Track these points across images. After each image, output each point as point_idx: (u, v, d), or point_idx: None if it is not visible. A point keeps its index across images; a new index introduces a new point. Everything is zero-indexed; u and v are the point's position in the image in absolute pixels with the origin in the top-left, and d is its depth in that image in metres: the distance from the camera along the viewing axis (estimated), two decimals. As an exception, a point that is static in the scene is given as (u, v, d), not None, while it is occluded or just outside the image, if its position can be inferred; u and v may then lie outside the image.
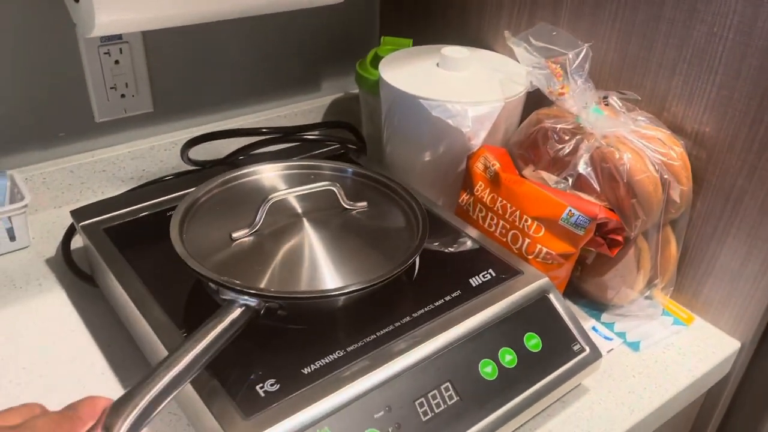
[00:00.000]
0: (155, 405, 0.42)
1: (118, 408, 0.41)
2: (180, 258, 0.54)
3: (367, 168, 0.69)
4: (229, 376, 0.50)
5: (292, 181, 0.67)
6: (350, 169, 0.69)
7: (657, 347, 0.67)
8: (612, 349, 0.67)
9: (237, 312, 0.50)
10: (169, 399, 0.43)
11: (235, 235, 0.58)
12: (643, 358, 0.66)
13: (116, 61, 0.81)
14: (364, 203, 0.63)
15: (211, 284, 0.53)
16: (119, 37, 0.80)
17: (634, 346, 0.67)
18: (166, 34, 0.84)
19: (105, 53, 0.80)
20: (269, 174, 0.68)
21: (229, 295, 0.51)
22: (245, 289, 0.51)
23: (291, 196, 0.62)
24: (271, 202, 0.58)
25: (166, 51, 0.85)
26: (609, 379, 0.63)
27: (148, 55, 0.83)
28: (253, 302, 0.50)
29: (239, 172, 0.66)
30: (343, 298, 0.54)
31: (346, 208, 0.62)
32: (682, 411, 0.68)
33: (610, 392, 0.62)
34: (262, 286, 0.53)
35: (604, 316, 0.71)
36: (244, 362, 0.51)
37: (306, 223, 0.60)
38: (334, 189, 0.61)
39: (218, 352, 0.48)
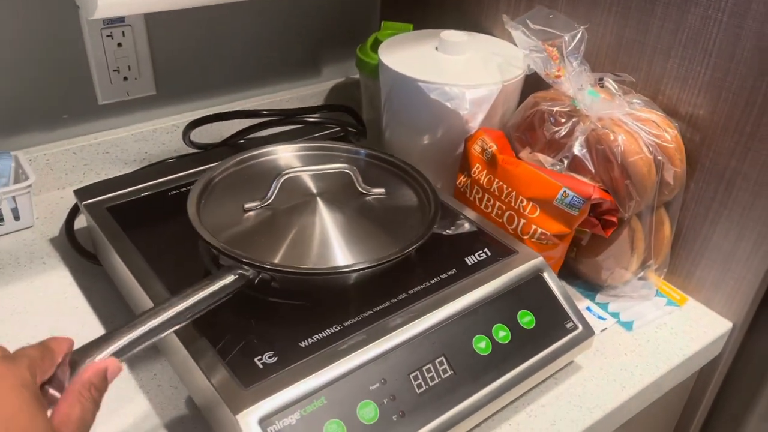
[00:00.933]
0: (125, 351, 0.45)
1: (88, 348, 0.44)
2: (191, 231, 0.56)
3: (381, 150, 0.70)
4: (229, 349, 0.51)
5: (308, 161, 0.69)
6: (363, 151, 0.70)
7: (650, 327, 0.68)
8: (605, 329, 0.68)
9: (230, 278, 0.52)
10: (142, 347, 0.46)
11: (247, 206, 0.60)
12: (636, 337, 0.67)
13: (119, 44, 0.82)
14: (382, 190, 0.64)
15: (214, 251, 0.54)
16: (122, 19, 0.81)
17: (628, 325, 0.68)
18: (169, 17, 0.85)
19: (108, 36, 0.80)
20: (285, 154, 0.69)
21: (227, 262, 0.53)
22: (237, 257, 0.52)
23: (307, 175, 0.64)
24: (284, 177, 0.60)
25: (168, 34, 0.86)
26: (601, 357, 0.64)
27: (150, 39, 0.84)
28: (247, 271, 0.52)
29: (255, 152, 0.68)
30: (350, 275, 0.55)
31: (362, 192, 0.63)
32: (674, 389, 0.69)
33: (602, 369, 0.63)
34: (270, 259, 0.54)
35: (599, 297, 0.72)
36: (243, 336, 0.52)
37: (320, 203, 0.61)
38: (351, 173, 0.62)
39: (203, 312, 0.50)
